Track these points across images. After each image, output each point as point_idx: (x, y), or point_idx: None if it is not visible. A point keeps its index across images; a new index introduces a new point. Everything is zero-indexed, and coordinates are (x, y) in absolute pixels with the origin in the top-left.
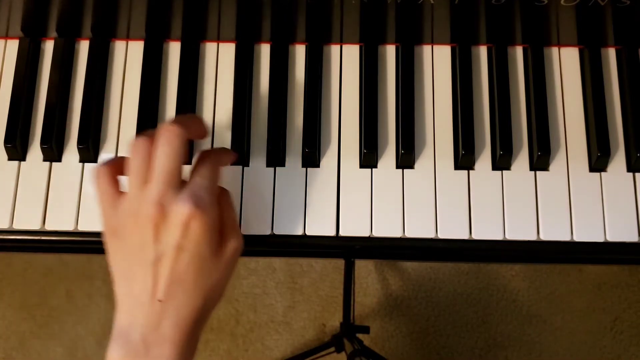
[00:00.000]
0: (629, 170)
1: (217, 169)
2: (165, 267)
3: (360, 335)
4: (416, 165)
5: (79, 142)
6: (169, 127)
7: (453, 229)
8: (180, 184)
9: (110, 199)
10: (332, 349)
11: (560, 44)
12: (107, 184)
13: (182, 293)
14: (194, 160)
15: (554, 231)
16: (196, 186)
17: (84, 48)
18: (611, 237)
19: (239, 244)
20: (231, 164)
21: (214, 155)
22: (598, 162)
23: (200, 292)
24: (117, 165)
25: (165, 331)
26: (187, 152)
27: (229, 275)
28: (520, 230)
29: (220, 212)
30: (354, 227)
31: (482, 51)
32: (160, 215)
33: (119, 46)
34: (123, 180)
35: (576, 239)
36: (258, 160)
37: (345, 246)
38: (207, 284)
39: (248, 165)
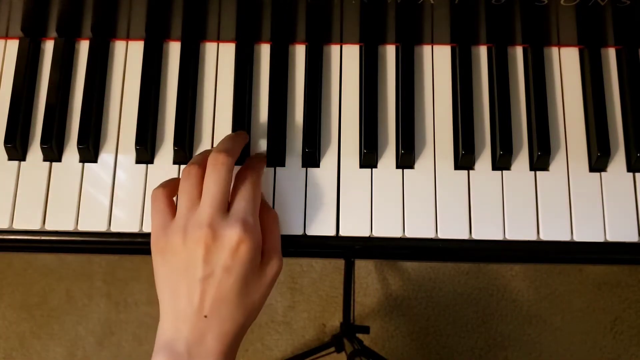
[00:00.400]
0: (629, 170)
1: (259, 187)
2: (213, 285)
3: (360, 335)
4: (416, 165)
5: (79, 142)
6: (218, 156)
7: (453, 229)
8: (226, 208)
9: (163, 219)
10: (332, 349)
11: (560, 44)
12: (162, 204)
13: (226, 310)
14: (234, 177)
15: (554, 231)
16: (242, 211)
17: (84, 48)
18: (611, 237)
19: (279, 266)
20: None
21: (254, 173)
22: (598, 162)
23: (243, 309)
24: (173, 187)
25: (209, 345)
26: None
27: (268, 293)
28: (520, 230)
29: (265, 234)
30: (354, 227)
31: (482, 51)
32: (211, 237)
33: (119, 46)
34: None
35: (576, 239)
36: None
37: (345, 246)
38: (249, 302)
39: None
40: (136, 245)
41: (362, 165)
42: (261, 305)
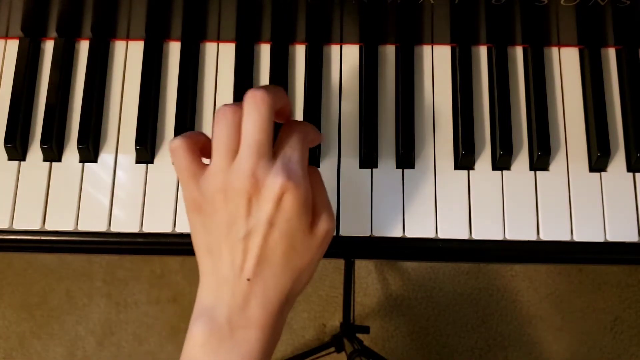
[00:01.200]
0: (629, 170)
1: (306, 142)
2: (255, 243)
3: (360, 335)
4: (416, 165)
5: (79, 142)
6: (256, 92)
7: (453, 229)
8: (272, 156)
9: (193, 173)
10: (332, 349)
11: (560, 44)
12: (186, 158)
13: (271, 272)
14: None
15: (554, 231)
16: (287, 158)
17: (84, 48)
18: (611, 237)
19: (332, 225)
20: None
21: (302, 127)
22: (598, 162)
23: (289, 272)
24: (194, 138)
25: (251, 313)
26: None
27: (318, 257)
28: (520, 230)
29: (312, 190)
30: (354, 227)
31: (482, 51)
32: (254, 188)
33: (119, 46)
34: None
35: (576, 239)
36: None
37: (345, 246)
38: (297, 265)
39: None
40: (136, 245)
41: (362, 165)
42: (310, 271)
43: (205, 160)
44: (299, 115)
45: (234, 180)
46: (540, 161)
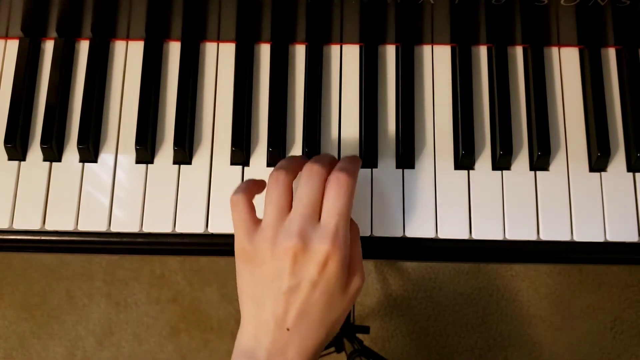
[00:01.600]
0: (629, 170)
1: (352, 197)
2: (298, 299)
3: (360, 335)
4: (416, 165)
5: (79, 142)
6: (313, 166)
7: (453, 229)
8: (318, 218)
9: (247, 227)
10: (332, 349)
11: (560, 44)
12: (244, 212)
13: (309, 325)
14: (327, 181)
15: (554, 231)
16: (334, 224)
17: (84, 48)
18: (611, 237)
19: (362, 282)
20: None
21: (351, 180)
22: (598, 162)
23: (325, 325)
24: (253, 192)
25: (289, 358)
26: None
27: (349, 309)
28: (520, 230)
29: (350, 248)
30: None
31: (482, 51)
32: (300, 249)
33: (119, 46)
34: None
35: (576, 239)
36: (258, 160)
37: None
38: (332, 319)
39: (248, 165)
40: (136, 245)
41: (362, 166)
42: (342, 321)
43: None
44: (299, 116)
45: (282, 238)
46: (540, 161)
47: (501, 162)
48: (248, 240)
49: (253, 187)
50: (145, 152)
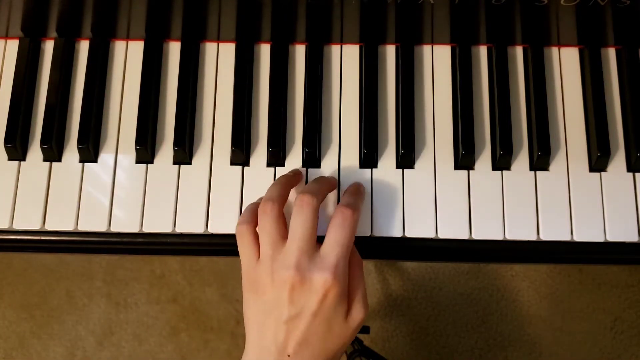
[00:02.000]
0: (629, 170)
1: (355, 229)
2: (298, 328)
3: (360, 335)
4: (416, 165)
5: (79, 142)
6: (303, 197)
7: (453, 229)
8: (314, 248)
9: (251, 257)
10: None
11: (560, 44)
12: (249, 242)
13: (309, 353)
14: (334, 214)
15: (554, 231)
16: (334, 256)
17: (84, 48)
18: (611, 237)
19: (364, 314)
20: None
21: (355, 213)
22: (598, 162)
23: (325, 353)
24: (257, 220)
25: None
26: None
27: (351, 339)
28: (520, 230)
29: (352, 280)
30: None
31: (482, 51)
32: (298, 280)
33: (119, 46)
34: None
35: (576, 239)
36: (258, 160)
37: None
38: (332, 347)
39: (248, 165)
40: (136, 245)
41: (362, 165)
42: (343, 350)
43: None
44: (299, 116)
45: (279, 270)
46: (540, 161)
47: (501, 162)
48: (252, 269)
49: (254, 215)
50: (145, 152)
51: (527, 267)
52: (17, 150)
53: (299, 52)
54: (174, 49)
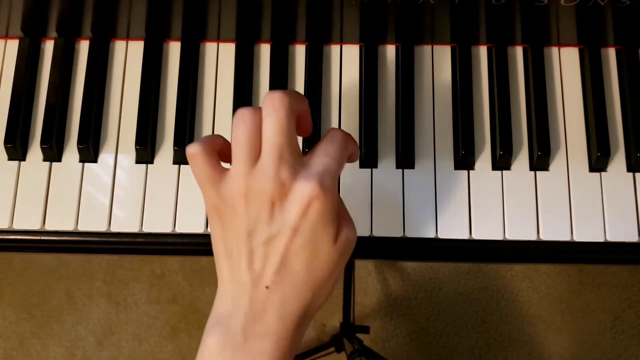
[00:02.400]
0: (629, 170)
1: (345, 154)
2: (277, 249)
3: (360, 335)
4: (416, 165)
5: (79, 142)
6: (274, 95)
7: (453, 229)
8: (296, 159)
9: (213, 178)
10: (332, 349)
11: (560, 44)
12: (206, 163)
13: (291, 282)
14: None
15: (554, 231)
16: (322, 166)
17: (84, 48)
18: (611, 237)
19: (353, 234)
20: (352, 162)
21: (347, 139)
22: (598, 162)
23: (311, 283)
24: (213, 143)
25: (268, 324)
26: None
27: (340, 269)
28: (520, 230)
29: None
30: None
31: (482, 51)
32: (278, 191)
33: (119, 46)
34: None
35: (576, 239)
36: None
37: None
38: (319, 276)
39: None
40: (136, 245)
41: (362, 165)
42: (332, 283)
43: (225, 165)
44: None
45: (256, 183)
46: (540, 161)
47: (501, 162)
48: (216, 192)
49: (214, 139)
50: (145, 152)
51: (527, 267)
52: (17, 150)
53: (299, 52)
54: (174, 49)
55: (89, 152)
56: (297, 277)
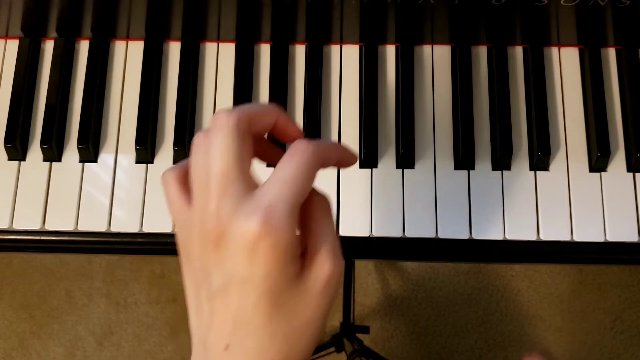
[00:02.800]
0: (629, 170)
1: (312, 172)
2: (228, 305)
3: (360, 335)
4: (416, 165)
5: (79, 142)
6: (218, 115)
7: (453, 229)
8: (243, 189)
9: (178, 209)
10: (332, 349)
11: (560, 44)
12: (175, 190)
13: (253, 340)
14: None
15: (554, 231)
16: (268, 195)
17: (84, 48)
18: (611, 237)
19: (333, 268)
20: (349, 166)
21: (316, 150)
22: (598, 162)
23: (280, 338)
24: (186, 169)
25: None
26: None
27: (323, 309)
28: (520, 230)
29: (312, 223)
30: (354, 227)
31: (482, 51)
32: (217, 234)
33: (119, 46)
34: None
35: (576, 239)
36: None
37: (345, 246)
38: (290, 326)
39: None
40: (136, 245)
41: (362, 165)
42: (314, 328)
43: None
44: (299, 116)
45: (203, 222)
46: (540, 161)
47: (501, 162)
48: (178, 226)
49: (187, 162)
50: (145, 152)
51: (527, 267)
52: (17, 150)
53: (299, 52)
54: (174, 49)
55: (89, 152)
56: (260, 334)
